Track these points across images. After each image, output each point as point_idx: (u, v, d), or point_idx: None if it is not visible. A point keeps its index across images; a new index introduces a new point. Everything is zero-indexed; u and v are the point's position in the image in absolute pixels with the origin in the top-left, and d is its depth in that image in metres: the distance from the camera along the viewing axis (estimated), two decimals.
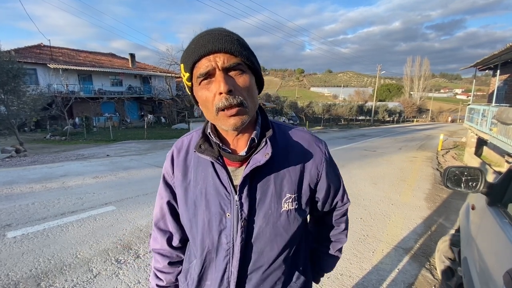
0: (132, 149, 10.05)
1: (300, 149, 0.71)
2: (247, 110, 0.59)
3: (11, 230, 2.98)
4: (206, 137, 0.67)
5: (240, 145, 0.67)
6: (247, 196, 0.64)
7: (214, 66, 0.55)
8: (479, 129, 9.10)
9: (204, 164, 0.69)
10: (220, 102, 0.56)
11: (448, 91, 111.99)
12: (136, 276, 2.23)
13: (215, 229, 0.66)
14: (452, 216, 3.73)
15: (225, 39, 0.55)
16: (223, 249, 0.67)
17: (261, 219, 0.66)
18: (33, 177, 5.28)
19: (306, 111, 29.68)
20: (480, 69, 12.64)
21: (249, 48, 0.60)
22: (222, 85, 0.54)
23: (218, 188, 0.66)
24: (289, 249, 0.70)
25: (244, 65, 0.58)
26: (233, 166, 0.68)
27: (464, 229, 1.75)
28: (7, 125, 10.13)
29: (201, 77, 0.57)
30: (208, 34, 0.56)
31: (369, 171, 6.40)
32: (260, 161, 0.62)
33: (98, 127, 18.62)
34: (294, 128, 0.75)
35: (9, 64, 10.10)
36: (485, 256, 1.28)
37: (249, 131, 0.66)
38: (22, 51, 19.56)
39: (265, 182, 0.66)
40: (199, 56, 0.55)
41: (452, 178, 1.49)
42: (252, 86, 0.61)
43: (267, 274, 0.69)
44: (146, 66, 27.73)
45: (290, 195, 0.67)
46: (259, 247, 0.67)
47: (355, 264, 2.50)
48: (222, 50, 0.55)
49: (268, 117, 0.72)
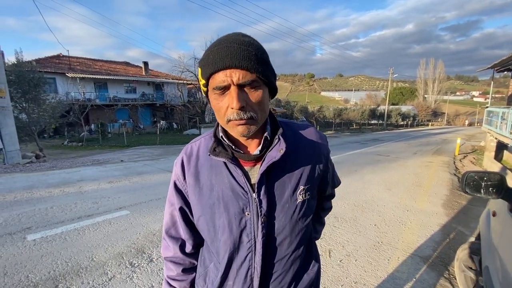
0: (145, 154, 10.26)
1: (307, 143, 0.75)
2: (256, 122, 0.62)
3: (31, 233, 3.09)
4: (219, 141, 0.69)
5: (252, 146, 0.70)
6: (265, 192, 0.67)
7: (230, 82, 0.57)
8: (498, 133, 8.75)
9: (217, 167, 0.70)
10: (231, 115, 0.59)
11: (464, 94, 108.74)
12: (149, 280, 2.25)
13: (236, 229, 0.68)
14: (472, 223, 3.58)
15: (243, 55, 0.56)
16: (244, 247, 0.68)
17: (280, 213, 0.69)
18: (51, 182, 5.48)
19: (317, 115, 29.46)
20: (498, 70, 12.20)
21: (266, 61, 0.61)
22: (235, 102, 0.57)
23: (235, 188, 0.67)
24: (305, 239, 0.74)
25: (259, 81, 0.60)
26: (248, 165, 0.70)
27: (485, 237, 1.68)
28: (28, 132, 10.58)
29: (216, 90, 0.59)
30: (227, 47, 0.57)
31: (383, 176, 6.26)
32: (276, 157, 0.66)
33: (112, 133, 19.17)
34: (299, 124, 0.80)
35: (31, 73, 10.61)
36: (508, 265, 1.23)
37: (260, 133, 0.69)
38: (43, 61, 20.55)
39: (280, 177, 0.69)
40: (216, 69, 0.57)
41: (471, 183, 1.43)
42: (265, 100, 0.63)
43: (288, 265, 0.72)
44: (159, 74, 28.45)
45: (303, 187, 0.71)
46: (280, 241, 0.70)
47: (369, 272, 2.44)
48: (239, 67, 0.56)
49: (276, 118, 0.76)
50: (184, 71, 20.38)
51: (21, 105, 10.51)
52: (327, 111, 30.09)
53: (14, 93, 10.04)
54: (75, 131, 18.31)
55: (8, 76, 9.38)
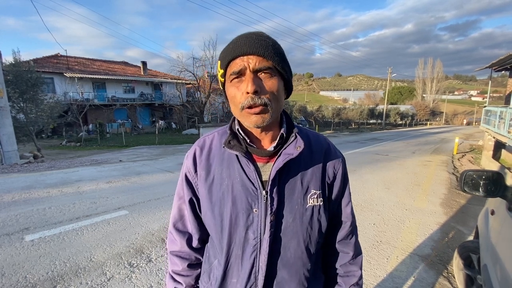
0: (144, 154, 10.24)
1: (320, 149, 0.74)
2: (270, 110, 0.62)
3: (29, 234, 3.08)
4: (234, 134, 0.69)
5: (265, 142, 0.69)
6: (277, 190, 0.66)
7: (246, 66, 0.59)
8: (496, 132, 8.78)
9: (229, 161, 0.70)
10: (246, 101, 0.60)
11: (462, 93, 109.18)
12: (148, 280, 2.25)
13: (242, 224, 0.67)
14: (470, 222, 3.59)
15: (261, 43, 0.59)
16: (250, 244, 0.67)
17: (289, 213, 0.67)
18: (50, 182, 5.45)
19: (316, 115, 29.49)
20: (496, 69, 12.24)
21: (283, 55, 0.64)
22: (250, 85, 0.58)
23: (245, 183, 0.67)
24: (314, 246, 0.71)
25: (274, 70, 0.62)
26: (261, 162, 0.69)
27: (484, 235, 1.69)
28: (25, 132, 10.53)
29: (233, 75, 0.61)
30: (246, 37, 0.61)
31: (381, 176, 6.27)
32: (293, 154, 0.65)
33: (111, 133, 19.12)
34: (312, 131, 0.79)
35: (29, 73, 10.55)
36: (506, 263, 1.23)
37: (274, 129, 0.69)
38: (41, 61, 20.46)
39: (292, 177, 0.68)
40: (234, 56, 0.60)
41: (470, 182, 1.43)
42: (279, 90, 0.63)
43: (294, 270, 0.69)
44: (157, 73, 28.36)
45: (315, 191, 0.70)
46: (286, 242, 0.68)
47: (368, 271, 2.44)
48: (255, 53, 0.59)
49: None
50: (182, 71, 20.34)
51: (19, 105, 10.45)
52: (326, 111, 30.12)
53: (11, 93, 9.98)
54: (74, 131, 18.26)
55: (6, 76, 9.33)
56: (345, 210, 0.78)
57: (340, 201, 0.78)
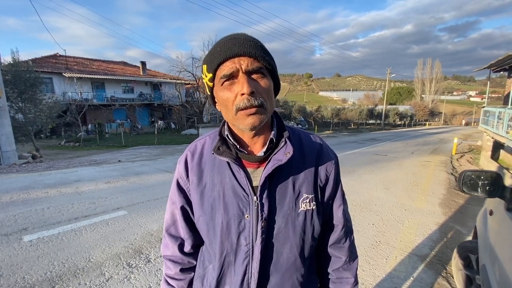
0: (143, 154, 10.22)
1: (313, 151, 0.72)
2: (266, 111, 0.61)
3: (27, 234, 3.07)
4: (223, 140, 0.68)
5: (256, 147, 0.68)
6: (267, 196, 0.65)
7: (238, 68, 0.58)
8: (495, 132, 8.81)
9: (220, 166, 0.69)
10: (242, 103, 0.58)
11: (461, 94, 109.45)
12: (147, 281, 2.24)
13: (234, 231, 0.66)
14: (469, 222, 3.60)
15: (250, 44, 0.59)
16: (242, 251, 0.67)
17: (281, 218, 0.67)
18: (48, 182, 5.44)
19: (315, 115, 29.50)
20: (495, 70, 12.27)
21: (270, 55, 0.64)
22: (246, 87, 0.57)
23: (236, 189, 0.66)
24: (307, 251, 0.70)
25: (266, 70, 0.61)
26: (251, 167, 0.68)
27: (482, 236, 1.69)
28: (24, 132, 10.50)
29: (224, 78, 0.59)
30: (234, 39, 0.59)
31: (380, 176, 6.28)
32: (282, 160, 0.64)
33: (110, 133, 19.07)
34: (305, 132, 0.77)
35: (27, 73, 10.51)
36: (504, 263, 1.23)
37: (265, 133, 0.68)
38: (39, 61, 20.39)
39: (283, 181, 0.67)
40: (225, 58, 0.58)
41: (468, 182, 1.44)
42: (272, 89, 0.63)
43: (287, 276, 0.69)
44: (157, 74, 28.33)
45: (307, 195, 0.68)
46: (279, 247, 0.67)
47: (367, 271, 2.44)
48: (246, 54, 0.58)
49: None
50: (182, 71, 20.33)
51: (17, 105, 10.42)
52: (325, 111, 30.14)
53: (10, 93, 9.95)
54: (72, 131, 18.21)
55: (5, 76, 9.30)
56: (336, 213, 0.76)
57: (332, 204, 0.76)
